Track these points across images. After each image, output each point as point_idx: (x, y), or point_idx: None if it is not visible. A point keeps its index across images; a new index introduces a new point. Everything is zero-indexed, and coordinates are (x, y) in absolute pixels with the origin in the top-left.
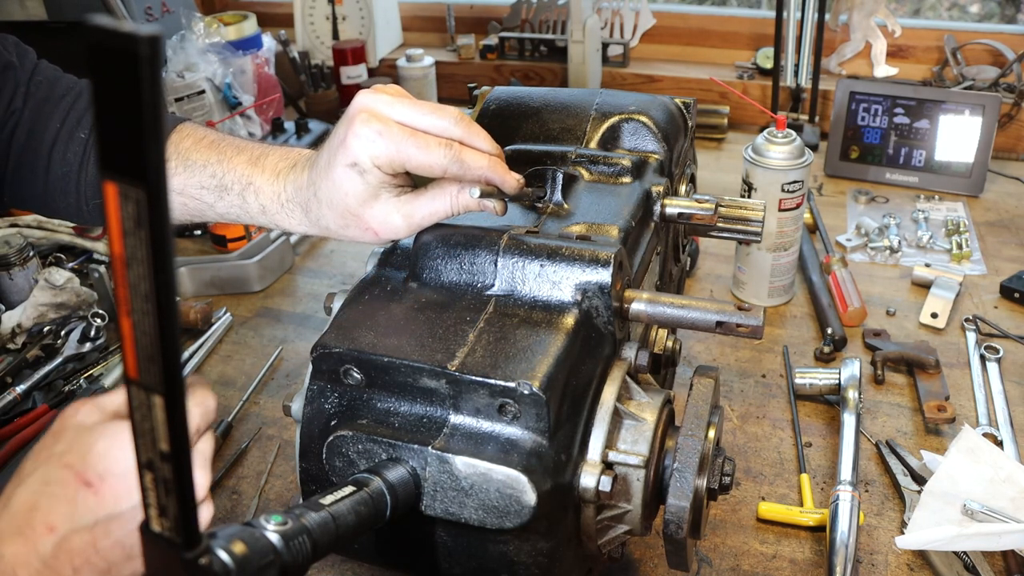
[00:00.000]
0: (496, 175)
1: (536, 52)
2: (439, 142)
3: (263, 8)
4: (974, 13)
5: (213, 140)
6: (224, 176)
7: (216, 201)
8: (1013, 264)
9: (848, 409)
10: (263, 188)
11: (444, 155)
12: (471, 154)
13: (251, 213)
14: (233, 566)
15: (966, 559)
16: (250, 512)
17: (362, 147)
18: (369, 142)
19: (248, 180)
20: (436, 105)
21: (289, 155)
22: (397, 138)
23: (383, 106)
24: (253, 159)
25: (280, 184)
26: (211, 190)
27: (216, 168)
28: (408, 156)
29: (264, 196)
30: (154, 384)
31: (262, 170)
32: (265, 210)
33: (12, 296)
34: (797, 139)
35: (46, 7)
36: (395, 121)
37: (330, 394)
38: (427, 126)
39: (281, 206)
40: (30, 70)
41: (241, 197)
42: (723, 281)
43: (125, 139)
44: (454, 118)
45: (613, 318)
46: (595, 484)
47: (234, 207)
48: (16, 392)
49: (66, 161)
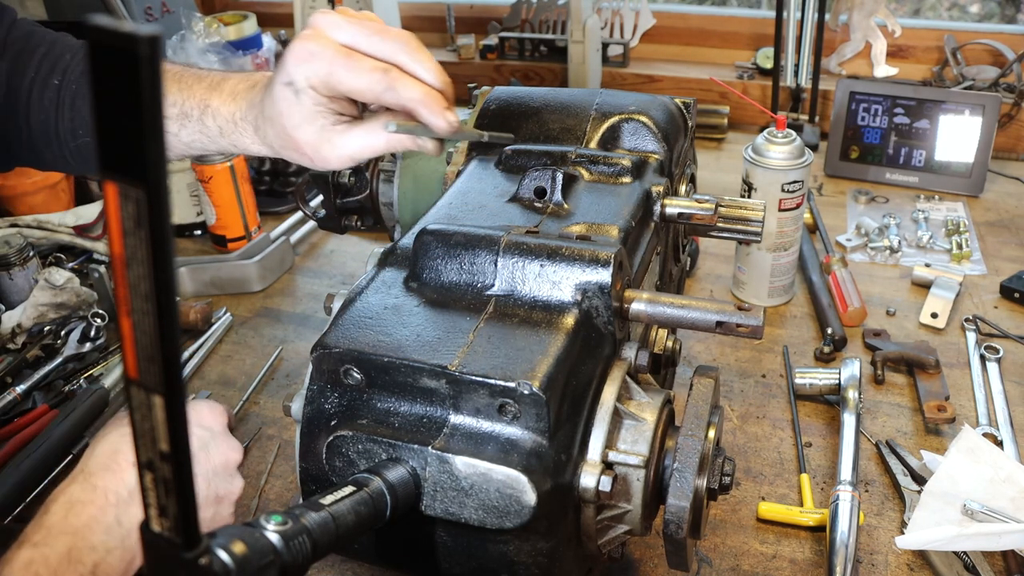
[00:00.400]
0: (427, 109)
1: (536, 52)
2: (374, 66)
3: (263, 8)
4: (974, 13)
5: (176, 72)
6: (184, 103)
7: (180, 130)
8: (1013, 264)
9: (848, 409)
10: (220, 109)
11: (377, 80)
12: (406, 83)
13: (211, 136)
14: (233, 566)
15: (966, 559)
16: (250, 512)
17: (295, 65)
18: (302, 61)
19: (206, 103)
20: (384, 27)
21: (251, 77)
22: (330, 58)
23: (328, 26)
24: (213, 84)
25: (236, 104)
26: (173, 119)
27: (176, 97)
28: (339, 78)
29: (220, 117)
30: (154, 384)
31: (220, 92)
32: (222, 131)
33: (12, 296)
34: (797, 139)
35: (46, 7)
36: (336, 42)
37: (330, 394)
38: (370, 49)
39: (235, 125)
40: (8, 26)
41: (200, 122)
42: (723, 281)
43: (125, 139)
44: (400, 42)
45: (613, 318)
46: (595, 484)
47: (196, 133)
48: (16, 392)
49: (43, 108)
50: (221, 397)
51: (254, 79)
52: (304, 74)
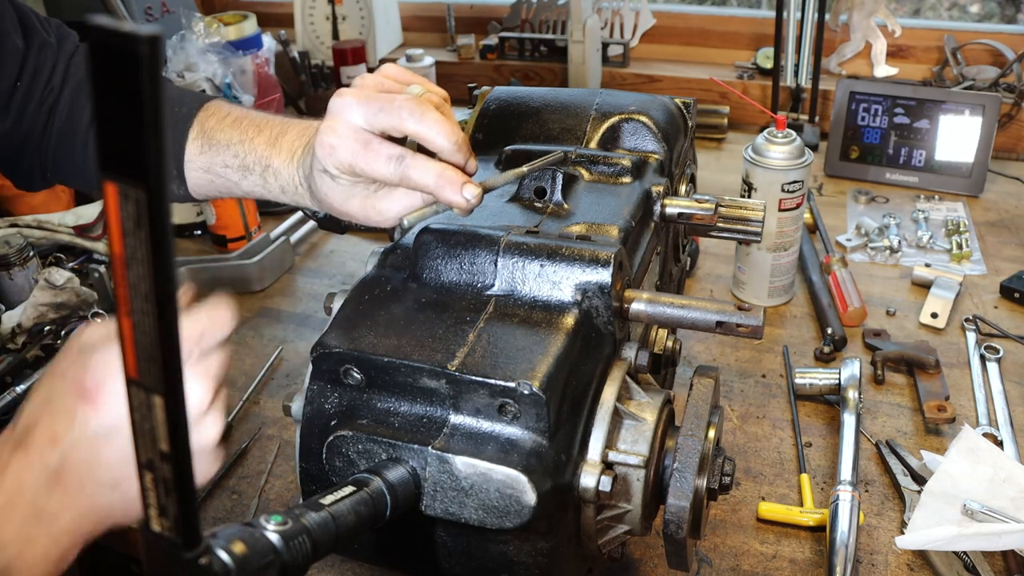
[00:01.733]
0: (443, 192)
1: (536, 52)
2: (388, 155)
3: (263, 8)
4: (974, 13)
5: (236, 118)
6: (246, 157)
7: (241, 180)
8: (1013, 264)
9: (848, 409)
10: (280, 171)
11: (392, 170)
12: (418, 169)
13: (273, 193)
14: (233, 566)
15: (966, 559)
16: (250, 512)
17: (324, 156)
18: (328, 154)
19: (267, 162)
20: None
21: (306, 132)
22: (350, 150)
23: (341, 110)
24: (272, 139)
25: (294, 167)
26: (235, 169)
27: (238, 148)
28: (361, 168)
29: (282, 178)
30: (154, 384)
31: (279, 151)
32: (284, 190)
33: (12, 296)
34: (797, 139)
35: (46, 7)
36: (352, 127)
37: (330, 394)
38: (380, 126)
39: (296, 188)
40: (70, 51)
41: (263, 178)
42: (723, 281)
43: (125, 139)
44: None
45: (613, 318)
46: (595, 484)
47: (257, 187)
48: (16, 392)
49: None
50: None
51: (308, 133)
52: (332, 164)
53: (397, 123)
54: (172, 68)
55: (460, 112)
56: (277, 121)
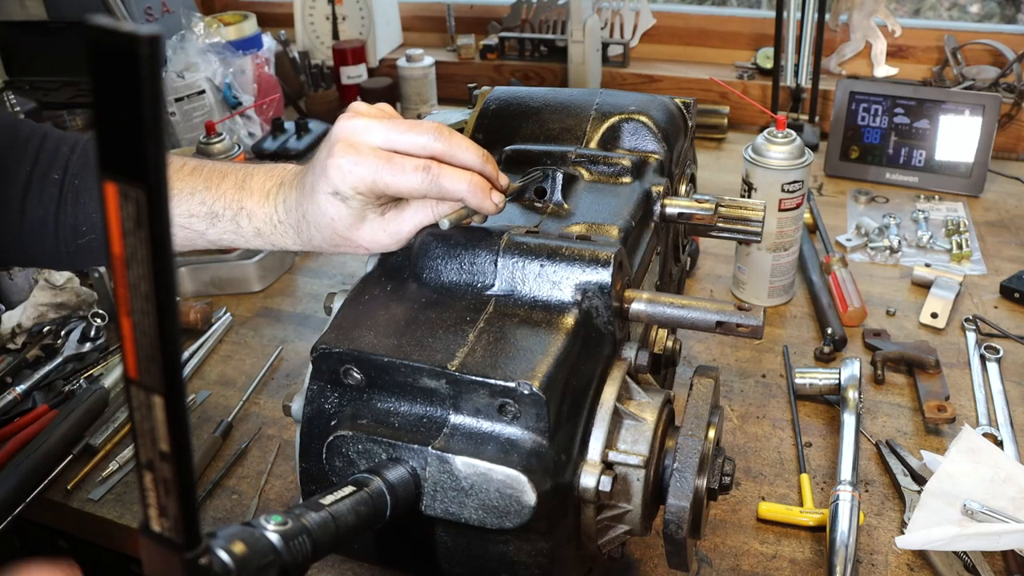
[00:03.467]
0: (474, 197)
1: (536, 52)
2: (416, 166)
3: (263, 8)
4: (974, 13)
5: (194, 167)
6: (214, 203)
7: (207, 228)
8: (1013, 264)
9: (848, 409)
10: (255, 211)
11: (421, 180)
12: (449, 177)
13: (246, 237)
14: (233, 566)
15: (966, 559)
16: (250, 512)
17: (341, 177)
18: (347, 172)
19: (239, 205)
20: (414, 123)
21: (273, 173)
22: (373, 166)
23: (360, 133)
24: (239, 182)
25: (271, 205)
26: (201, 218)
27: (204, 195)
28: (386, 183)
29: (257, 219)
30: (154, 384)
31: (250, 192)
32: (260, 232)
33: (12, 296)
34: (797, 139)
35: (46, 7)
36: (371, 147)
37: (330, 394)
38: (405, 146)
39: (274, 228)
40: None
41: (235, 223)
42: (723, 281)
43: (125, 139)
44: (433, 134)
45: (613, 318)
46: (595, 484)
47: (227, 232)
48: (16, 392)
49: (42, 204)
50: (221, 397)
51: (277, 175)
52: (350, 184)
53: (425, 143)
54: (172, 68)
55: (460, 112)
56: (239, 167)
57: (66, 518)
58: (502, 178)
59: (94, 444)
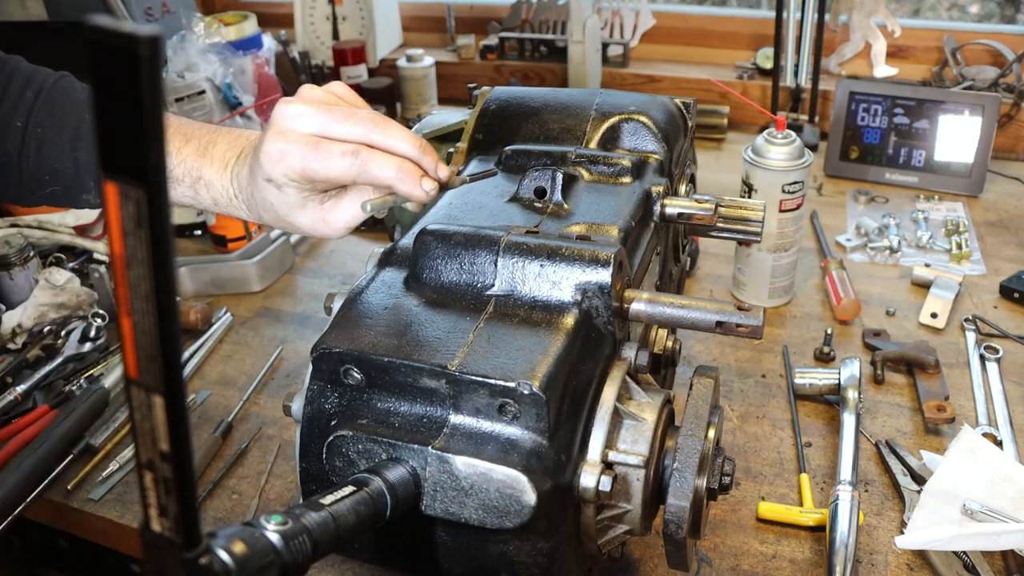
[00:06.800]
0: (403, 184)
1: (536, 52)
2: (343, 151)
3: (263, 8)
4: (974, 13)
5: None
6: (174, 169)
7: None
8: (1013, 264)
9: (848, 409)
10: (213, 182)
11: (349, 164)
12: (377, 163)
13: (203, 203)
14: (233, 566)
15: (966, 559)
16: (250, 512)
17: (271, 165)
18: (276, 161)
19: (198, 174)
20: (350, 112)
21: (237, 142)
22: (301, 152)
23: (292, 119)
24: (201, 149)
25: (227, 178)
26: None
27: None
28: (314, 169)
29: (214, 190)
30: (154, 384)
31: (210, 162)
32: (216, 203)
33: (12, 296)
34: (797, 140)
35: (46, 7)
36: (303, 134)
37: (330, 394)
38: (340, 134)
39: (229, 201)
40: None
41: (193, 189)
42: (723, 281)
43: (125, 139)
44: (369, 124)
45: (613, 318)
46: (595, 484)
47: (186, 197)
48: (16, 392)
49: (5, 150)
50: (221, 397)
51: (239, 145)
52: (280, 171)
53: (361, 134)
54: (172, 68)
55: (460, 112)
56: (205, 130)
57: (66, 518)
58: (442, 169)
59: (94, 444)
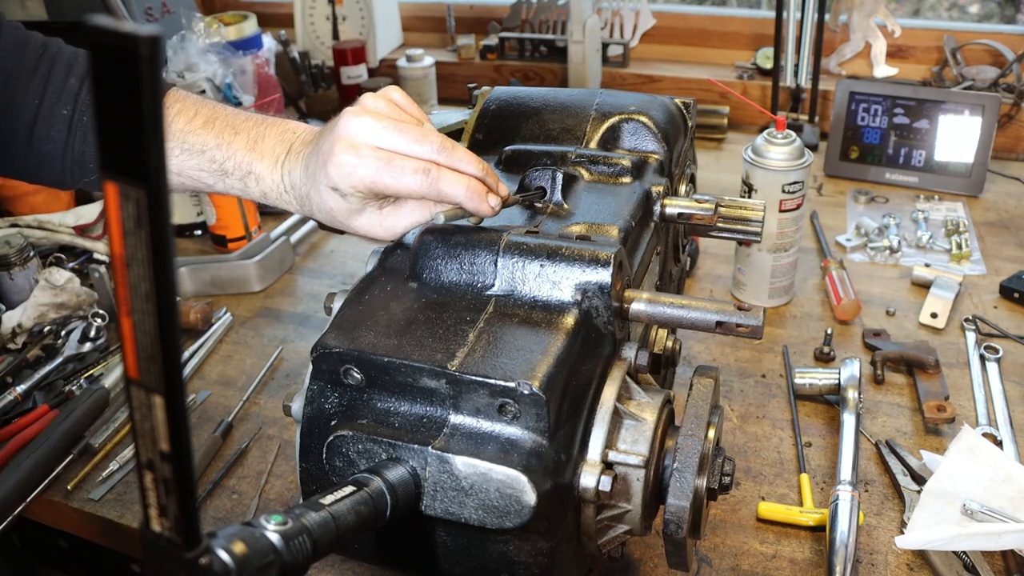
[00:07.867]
0: (472, 203)
1: (536, 52)
2: (415, 168)
3: (263, 8)
4: (974, 13)
5: (207, 118)
6: (224, 162)
7: (216, 183)
8: (1013, 264)
9: (848, 409)
10: (264, 176)
11: (420, 182)
12: (449, 181)
13: (252, 195)
14: (233, 566)
15: (966, 559)
16: (250, 512)
17: (341, 177)
18: (347, 173)
19: (248, 168)
20: (421, 132)
21: (284, 136)
22: (373, 167)
23: (365, 133)
24: (251, 143)
25: (279, 173)
26: (211, 173)
27: (215, 153)
28: (385, 184)
29: (264, 184)
30: (154, 384)
31: (260, 156)
32: (266, 195)
33: (12, 296)
34: (797, 140)
35: (46, 7)
36: (374, 147)
37: (330, 394)
38: (409, 152)
39: (279, 195)
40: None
41: (243, 183)
42: (723, 281)
43: (125, 139)
44: (436, 146)
45: (613, 318)
46: (595, 484)
47: (235, 189)
48: (16, 392)
49: (51, 139)
50: (221, 397)
51: (288, 139)
52: (349, 183)
53: (427, 152)
54: (172, 68)
55: (460, 112)
56: (252, 121)
57: (66, 518)
58: (502, 188)
59: (94, 444)
